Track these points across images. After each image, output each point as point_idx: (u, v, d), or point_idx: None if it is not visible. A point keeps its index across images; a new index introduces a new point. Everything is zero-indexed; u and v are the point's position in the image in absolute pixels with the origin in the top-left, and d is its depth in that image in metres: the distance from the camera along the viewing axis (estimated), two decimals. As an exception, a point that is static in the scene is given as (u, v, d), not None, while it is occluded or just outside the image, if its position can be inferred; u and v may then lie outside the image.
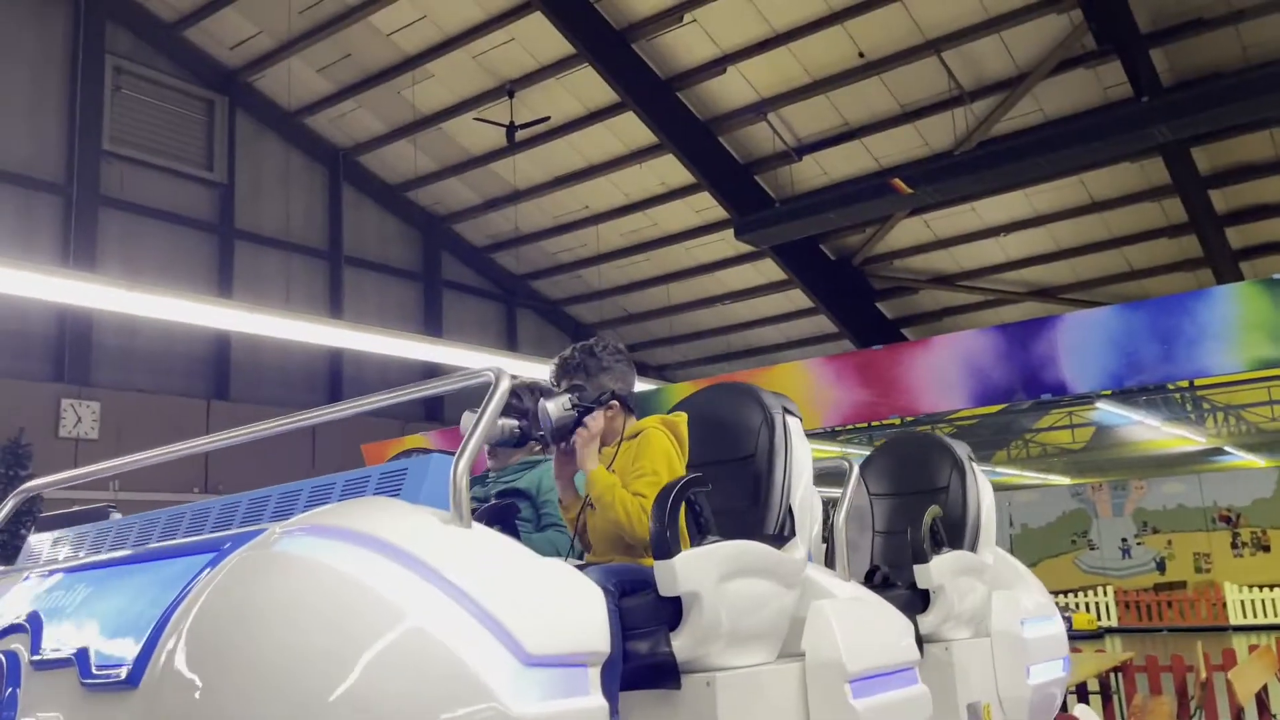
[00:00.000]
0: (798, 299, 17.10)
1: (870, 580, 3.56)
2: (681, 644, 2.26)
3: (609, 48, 12.65)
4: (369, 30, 13.16)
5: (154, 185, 13.74)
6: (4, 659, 2.12)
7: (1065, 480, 21.58)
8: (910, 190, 12.05)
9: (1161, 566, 19.72)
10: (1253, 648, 7.38)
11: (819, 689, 2.52)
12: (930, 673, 3.27)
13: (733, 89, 13.26)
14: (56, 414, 11.86)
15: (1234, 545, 19.23)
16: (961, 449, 3.96)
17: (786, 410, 2.85)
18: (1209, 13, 11.11)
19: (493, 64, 13.46)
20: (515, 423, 2.87)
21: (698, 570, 2.28)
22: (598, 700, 1.79)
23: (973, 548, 3.72)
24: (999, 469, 19.59)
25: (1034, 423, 17.39)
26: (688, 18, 12.23)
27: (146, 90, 13.79)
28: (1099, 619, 17.78)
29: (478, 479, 3.22)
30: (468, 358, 11.86)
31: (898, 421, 11.84)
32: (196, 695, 1.69)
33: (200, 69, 14.34)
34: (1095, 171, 13.33)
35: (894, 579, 3.51)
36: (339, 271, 15.83)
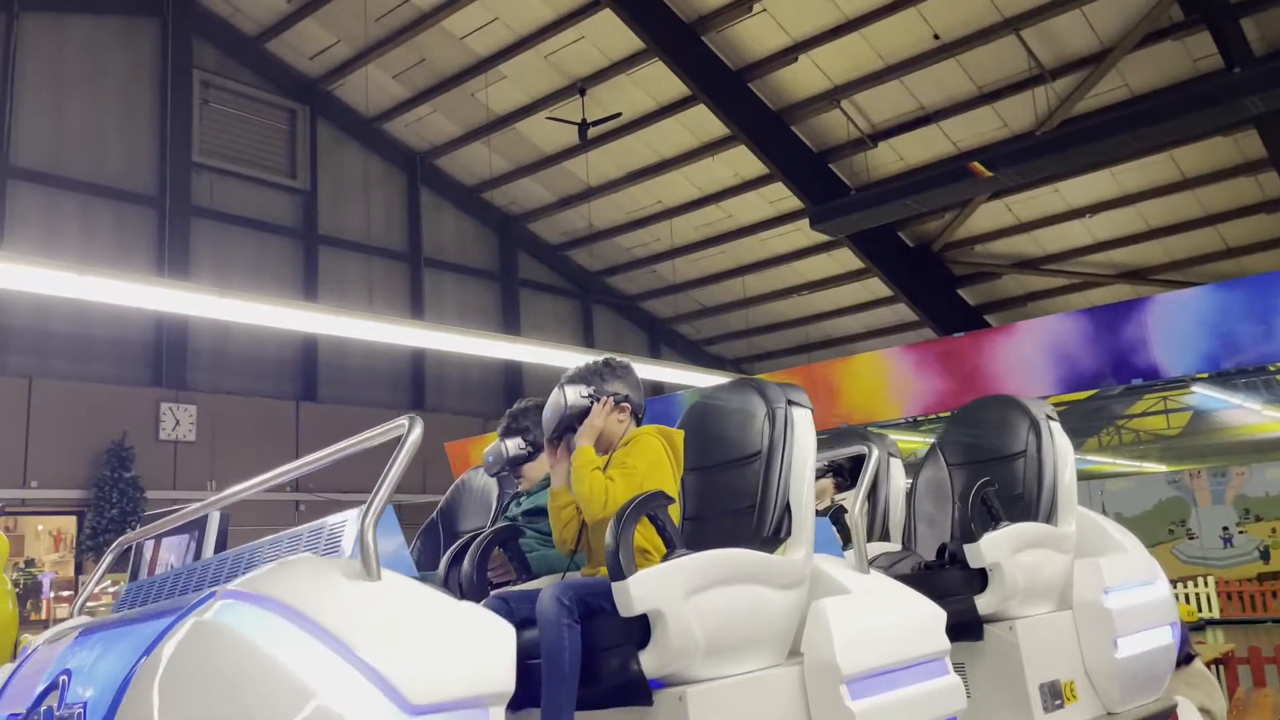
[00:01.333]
0: (876, 288, 16.87)
1: (940, 558, 3.48)
2: (650, 662, 2.24)
3: (678, 41, 12.64)
4: (442, 34, 13.38)
5: (241, 194, 14.20)
6: (42, 716, 2.32)
7: (1161, 467, 20.85)
8: (990, 174, 11.76)
9: (1265, 555, 18.91)
10: (1366, 639, 7.05)
11: (817, 691, 2.48)
12: (993, 654, 3.22)
13: (804, 77, 13.13)
14: (156, 417, 12.35)
15: (1344, 533, 18.35)
16: (1040, 408, 3.76)
17: (791, 402, 2.78)
18: (1305, -24, 10.63)
19: (564, 63, 13.56)
20: (519, 440, 3.04)
21: (658, 588, 2.25)
22: None
23: (1050, 515, 3.56)
24: (1090, 457, 19.01)
25: (1126, 409, 16.82)
26: (757, 7, 12.14)
27: (232, 102, 14.26)
28: (1199, 610, 17.15)
29: (514, 498, 3.32)
30: (545, 355, 11.99)
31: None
32: None
33: (282, 80, 14.76)
34: (1186, 147, 12.85)
35: (962, 555, 3.40)
36: (419, 273, 16.14)
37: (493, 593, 2.62)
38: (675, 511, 2.53)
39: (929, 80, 12.76)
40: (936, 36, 12.10)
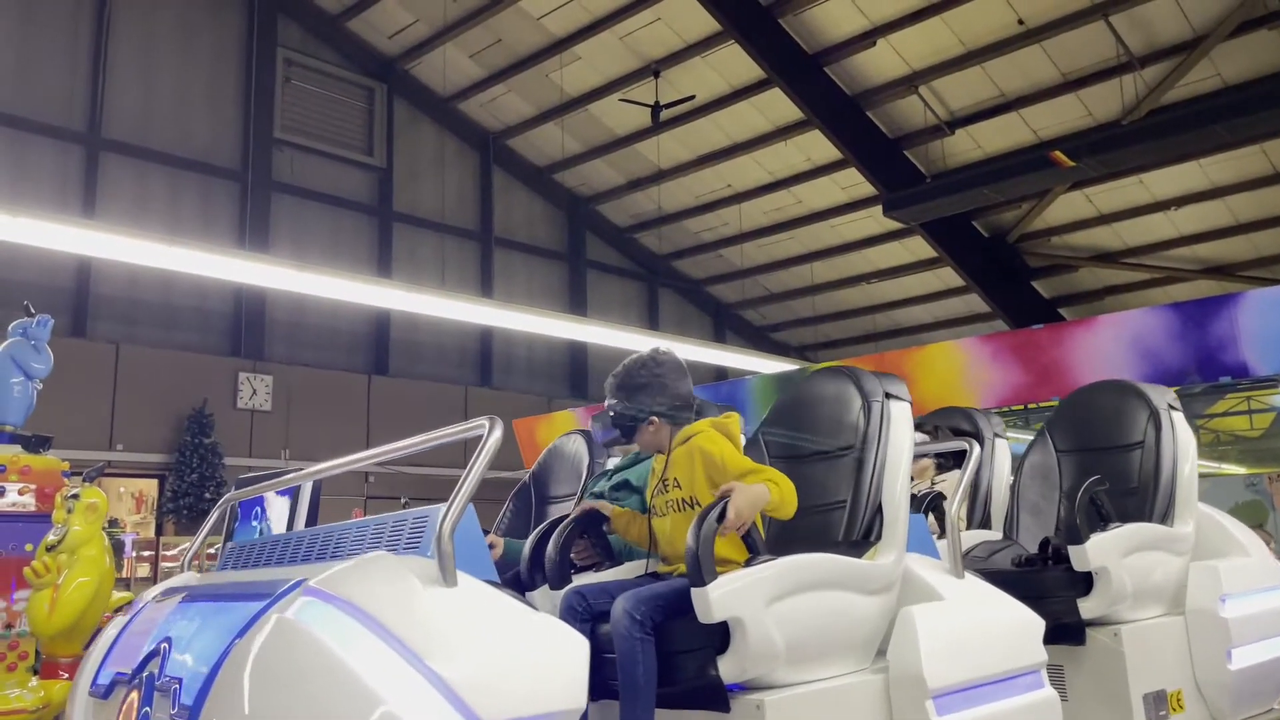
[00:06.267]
0: (948, 277, 16.59)
1: (1043, 552, 3.34)
2: (728, 668, 2.20)
3: (755, 23, 12.53)
4: (519, 15, 13.45)
5: (320, 170, 14.48)
6: (145, 681, 2.36)
7: (1240, 469, 20.23)
8: (1072, 163, 11.48)
9: (1348, 565, 18.26)
10: None
11: (901, 703, 2.40)
12: (1095, 660, 3.07)
13: (882, 62, 12.93)
14: (235, 386, 12.70)
15: None
16: (1161, 397, 3.50)
17: (889, 395, 2.64)
18: None
19: (639, 44, 13.54)
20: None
21: (738, 596, 2.20)
22: None
23: (1166, 513, 3.34)
24: (1165, 457, 18.50)
25: (1207, 408, 16.35)
26: (837, -10, 11.99)
27: (313, 80, 14.53)
28: (1275, 618, 16.65)
29: (603, 474, 3.29)
30: (611, 336, 12.05)
31: (1057, 404, 11.35)
32: None
33: (361, 58, 14.99)
34: (1278, 140, 12.39)
35: (1066, 554, 3.25)
36: (489, 252, 16.31)
37: (573, 584, 2.60)
38: None
39: (1011, 66, 12.47)
40: (1021, 22, 11.82)
